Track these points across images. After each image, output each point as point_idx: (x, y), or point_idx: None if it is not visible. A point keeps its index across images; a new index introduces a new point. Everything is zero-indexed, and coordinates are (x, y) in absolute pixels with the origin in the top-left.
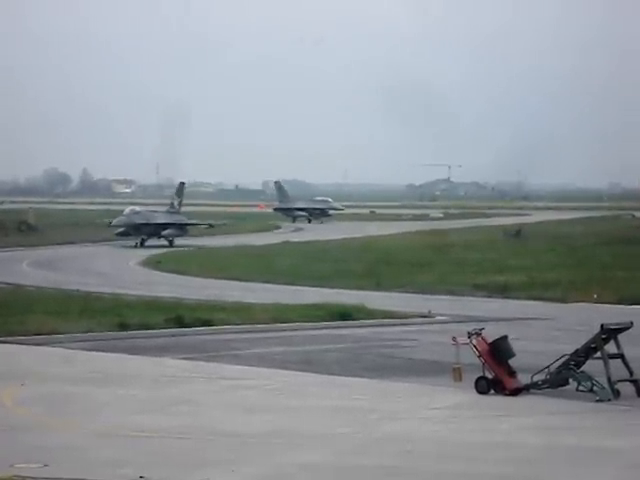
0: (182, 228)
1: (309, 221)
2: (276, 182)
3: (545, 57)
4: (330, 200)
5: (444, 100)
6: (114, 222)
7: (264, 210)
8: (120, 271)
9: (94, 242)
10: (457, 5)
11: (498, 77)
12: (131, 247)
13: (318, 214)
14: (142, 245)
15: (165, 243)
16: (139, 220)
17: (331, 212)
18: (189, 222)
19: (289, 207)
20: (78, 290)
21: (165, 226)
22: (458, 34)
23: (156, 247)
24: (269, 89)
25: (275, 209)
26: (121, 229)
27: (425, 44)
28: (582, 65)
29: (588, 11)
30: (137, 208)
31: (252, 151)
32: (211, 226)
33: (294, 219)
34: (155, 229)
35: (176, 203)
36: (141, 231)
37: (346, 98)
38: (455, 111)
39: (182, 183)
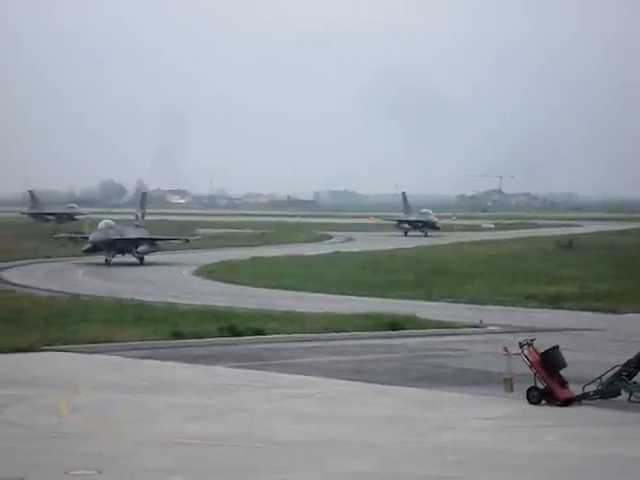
0: (154, 244)
1: (425, 235)
2: (403, 193)
3: (588, 66)
4: (430, 212)
5: (494, 112)
6: (91, 237)
7: (374, 222)
8: (174, 280)
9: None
10: (492, 14)
11: (546, 88)
12: (102, 264)
13: (421, 226)
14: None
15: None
16: (115, 235)
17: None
18: (163, 237)
19: (399, 220)
20: (133, 299)
21: (138, 242)
22: (489, 40)
23: (127, 265)
24: (315, 97)
25: (398, 221)
26: (89, 245)
27: (459, 53)
28: (630, 71)
29: (619, 11)
30: (111, 222)
31: (303, 162)
32: (187, 241)
33: (405, 232)
34: (128, 245)
35: (140, 215)
36: (114, 247)
37: (392, 109)
38: (505, 122)
39: (144, 193)
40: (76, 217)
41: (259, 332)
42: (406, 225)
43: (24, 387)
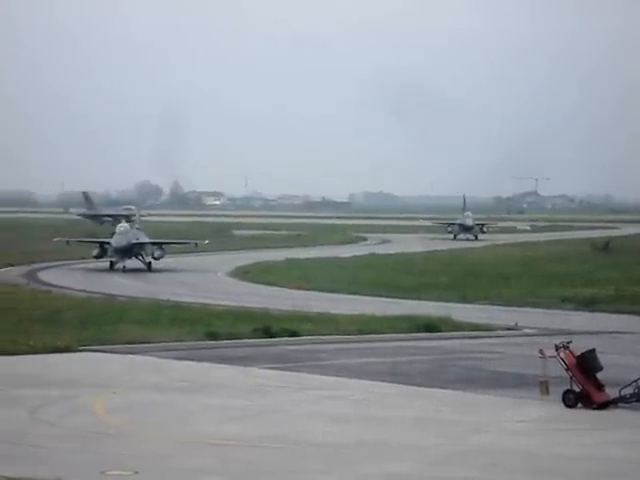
0: (163, 248)
1: (475, 238)
2: (463, 195)
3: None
4: (470, 215)
5: (529, 113)
6: (114, 242)
7: (422, 224)
8: (210, 282)
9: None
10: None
11: (587, 87)
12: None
13: (463, 230)
14: (114, 268)
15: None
16: (133, 240)
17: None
18: (172, 241)
19: (448, 223)
20: (169, 300)
21: (153, 246)
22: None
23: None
24: (350, 98)
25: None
26: (98, 250)
27: (470, 52)
28: None
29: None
30: (128, 226)
31: (337, 163)
32: (196, 245)
33: (454, 236)
34: (142, 250)
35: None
36: (132, 252)
37: (420, 111)
38: (540, 123)
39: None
40: (133, 219)
41: (294, 333)
42: (449, 228)
43: (61, 387)
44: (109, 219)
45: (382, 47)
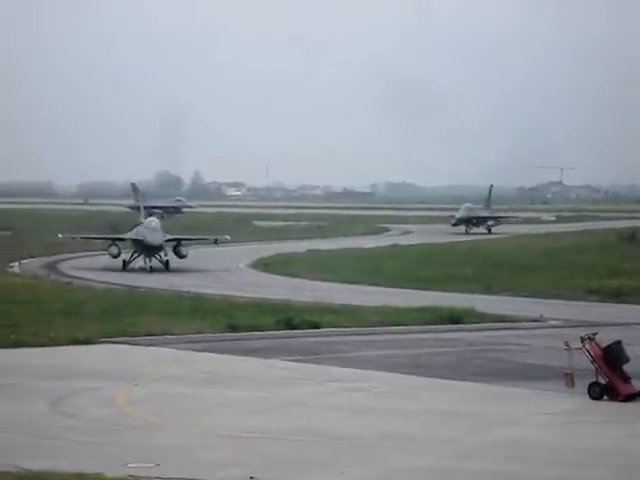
0: (182, 244)
1: (488, 231)
2: (490, 185)
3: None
4: (471, 206)
5: (552, 102)
6: (150, 239)
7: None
8: (231, 273)
9: None
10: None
11: (611, 74)
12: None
13: (472, 223)
14: (127, 268)
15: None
16: (164, 237)
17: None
18: (193, 237)
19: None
20: (189, 292)
21: (178, 242)
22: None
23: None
24: (368, 89)
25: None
26: (115, 250)
27: (477, 46)
28: None
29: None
30: (158, 220)
31: (360, 153)
32: (216, 242)
33: (466, 230)
34: (166, 246)
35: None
36: (161, 249)
37: (445, 101)
38: (564, 113)
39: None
40: (183, 210)
41: (316, 325)
42: (453, 221)
43: (82, 379)
44: (159, 211)
45: (394, 45)
